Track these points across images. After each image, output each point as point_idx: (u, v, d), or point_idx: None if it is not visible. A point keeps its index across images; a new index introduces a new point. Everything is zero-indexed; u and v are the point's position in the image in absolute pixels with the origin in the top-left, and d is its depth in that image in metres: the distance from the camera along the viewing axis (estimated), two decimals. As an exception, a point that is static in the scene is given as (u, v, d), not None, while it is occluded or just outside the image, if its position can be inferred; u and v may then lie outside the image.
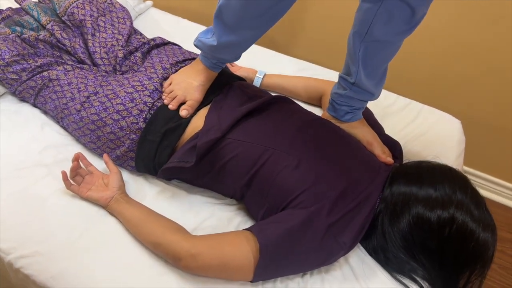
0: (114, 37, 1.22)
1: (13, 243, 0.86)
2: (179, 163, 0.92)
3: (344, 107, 1.05)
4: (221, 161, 0.92)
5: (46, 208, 0.92)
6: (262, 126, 0.95)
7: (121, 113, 0.98)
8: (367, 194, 0.87)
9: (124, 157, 1.01)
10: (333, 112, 1.08)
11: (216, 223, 0.95)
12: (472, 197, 0.83)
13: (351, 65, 0.96)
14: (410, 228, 0.83)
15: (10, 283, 0.91)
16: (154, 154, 0.98)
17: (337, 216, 0.82)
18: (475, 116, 1.61)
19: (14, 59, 1.10)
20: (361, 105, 1.06)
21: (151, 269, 0.84)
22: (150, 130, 0.98)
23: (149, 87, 1.02)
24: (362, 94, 1.01)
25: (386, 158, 1.00)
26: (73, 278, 0.81)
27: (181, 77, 1.03)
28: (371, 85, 0.99)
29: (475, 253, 0.81)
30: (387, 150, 1.04)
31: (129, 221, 0.89)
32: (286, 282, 0.84)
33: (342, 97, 1.04)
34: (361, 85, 0.98)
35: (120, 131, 0.98)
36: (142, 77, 1.05)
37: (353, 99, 1.03)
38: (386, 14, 0.80)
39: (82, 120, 1.01)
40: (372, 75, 0.96)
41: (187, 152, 0.93)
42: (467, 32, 1.45)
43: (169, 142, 0.97)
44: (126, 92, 1.01)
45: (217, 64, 1.02)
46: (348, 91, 1.01)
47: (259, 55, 1.47)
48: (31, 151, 1.03)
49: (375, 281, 0.85)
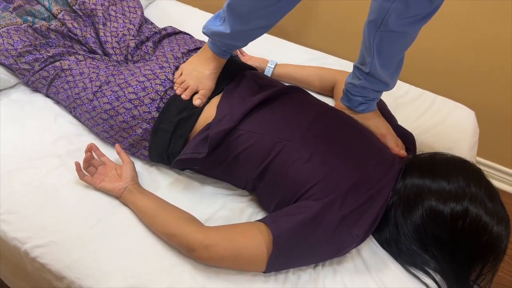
0: (125, 27, 1.21)
1: (28, 232, 0.87)
2: (192, 154, 0.92)
3: (358, 98, 1.03)
4: (234, 153, 0.92)
5: (60, 198, 0.93)
6: (274, 117, 0.94)
7: (134, 102, 0.98)
8: (380, 187, 0.86)
9: (138, 145, 1.01)
10: (347, 103, 1.07)
11: (229, 214, 0.95)
12: (486, 190, 0.82)
13: (366, 55, 0.95)
14: (423, 221, 0.83)
15: (26, 272, 0.93)
16: (168, 144, 0.98)
17: (350, 208, 0.82)
18: (488, 106, 1.59)
19: (27, 50, 1.10)
20: (376, 96, 1.04)
21: (165, 259, 0.85)
22: (163, 119, 0.98)
23: (160, 76, 1.02)
24: (377, 84, 1.00)
25: (400, 151, 0.99)
26: (88, 268, 0.82)
27: (191, 67, 1.03)
28: (386, 75, 0.97)
29: (488, 246, 0.80)
30: (400, 143, 1.02)
31: (142, 212, 0.90)
32: (298, 273, 0.85)
33: (356, 88, 1.02)
34: (376, 75, 0.97)
35: (133, 120, 0.98)
36: (153, 66, 1.05)
37: (368, 89, 1.01)
38: (403, 5, 0.78)
39: (95, 109, 1.02)
40: (387, 65, 0.95)
41: (199, 143, 0.93)
42: (482, 24, 1.42)
43: (182, 132, 0.97)
44: (138, 81, 1.00)
45: (226, 51, 1.01)
46: (362, 81, 1.00)
47: (270, 44, 1.46)
48: (44, 141, 1.04)
49: (387, 273, 0.85)
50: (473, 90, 1.58)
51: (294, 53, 1.44)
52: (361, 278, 0.84)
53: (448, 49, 1.54)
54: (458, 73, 1.58)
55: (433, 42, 1.54)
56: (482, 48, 1.48)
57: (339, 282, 0.83)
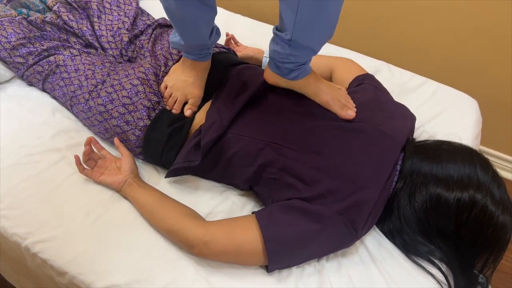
0: (120, 19, 1.19)
1: (29, 228, 0.86)
2: (184, 163, 0.91)
3: (287, 64, 0.88)
4: (225, 156, 0.90)
5: (60, 192, 0.92)
6: (261, 118, 0.92)
7: (128, 107, 0.96)
8: (380, 178, 0.83)
9: (133, 152, 1.00)
10: (276, 69, 0.91)
11: (230, 207, 0.94)
12: (493, 180, 0.81)
13: (286, 20, 0.78)
14: (427, 211, 0.82)
15: (27, 268, 0.92)
16: (161, 154, 0.96)
17: (346, 204, 0.79)
18: (491, 95, 1.57)
19: (21, 42, 1.08)
20: (308, 59, 0.89)
21: (168, 253, 0.84)
22: (155, 128, 0.96)
23: (154, 86, 1.00)
24: (304, 50, 0.84)
25: (346, 113, 0.89)
26: (89, 263, 0.82)
27: (175, 77, 1.00)
28: (312, 40, 0.83)
29: (493, 236, 0.80)
30: (349, 101, 0.93)
31: (142, 206, 0.89)
32: (302, 266, 0.84)
33: (282, 55, 0.86)
34: (301, 41, 0.82)
35: (126, 125, 0.97)
36: (148, 68, 1.02)
37: (295, 55, 0.86)
38: None
39: (90, 110, 1.00)
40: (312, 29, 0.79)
41: (191, 150, 0.91)
42: (484, 11, 1.40)
43: (175, 142, 0.96)
44: (132, 84, 0.98)
45: (202, 53, 0.97)
46: (287, 48, 0.83)
47: (265, 33, 1.43)
48: (43, 136, 1.03)
49: (393, 264, 0.84)
50: (476, 79, 1.57)
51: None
52: (366, 270, 0.84)
53: (448, 39, 1.52)
54: (460, 62, 1.56)
55: (433, 31, 1.52)
56: (484, 37, 1.46)
57: (344, 275, 0.82)
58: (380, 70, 1.34)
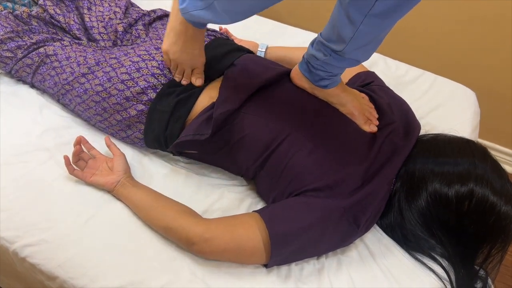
0: (111, 10, 1.16)
1: (17, 231, 0.83)
2: (194, 136, 0.88)
3: (320, 72, 0.88)
4: (236, 137, 0.88)
5: (49, 194, 0.89)
6: (279, 104, 0.90)
7: (126, 83, 0.94)
8: (383, 175, 0.83)
9: (133, 127, 0.97)
10: (308, 74, 0.91)
11: (227, 204, 0.92)
12: (493, 169, 0.81)
13: (342, 34, 0.75)
14: (428, 205, 0.81)
15: (17, 272, 0.89)
16: (166, 126, 0.93)
17: (353, 201, 0.79)
18: (489, 87, 1.56)
19: (8, 36, 1.05)
20: (341, 71, 0.90)
21: (162, 254, 0.81)
22: (161, 100, 0.93)
23: (157, 57, 0.97)
24: (345, 62, 0.83)
25: (369, 127, 0.90)
26: (81, 266, 0.79)
27: (177, 49, 0.93)
28: (360, 54, 0.82)
29: (496, 227, 0.79)
30: (372, 113, 0.93)
31: (137, 206, 0.86)
32: (301, 264, 0.82)
33: (318, 61, 0.85)
34: (347, 55, 0.80)
35: (126, 102, 0.94)
36: (148, 46, 1.00)
37: (333, 66, 0.85)
38: None
39: (86, 92, 0.97)
40: (367, 46, 0.78)
41: (202, 123, 0.89)
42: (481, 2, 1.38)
43: (181, 113, 0.93)
44: (132, 61, 0.96)
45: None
46: (328, 58, 0.83)
47: (259, 26, 1.40)
48: (31, 134, 0.99)
49: (393, 260, 0.83)
50: (474, 70, 1.56)
51: (286, 35, 1.40)
52: (366, 267, 0.82)
53: (445, 29, 1.51)
54: (457, 54, 1.55)
55: (429, 21, 1.51)
56: (482, 27, 1.44)
57: (344, 273, 0.81)
58: (376, 63, 1.33)
